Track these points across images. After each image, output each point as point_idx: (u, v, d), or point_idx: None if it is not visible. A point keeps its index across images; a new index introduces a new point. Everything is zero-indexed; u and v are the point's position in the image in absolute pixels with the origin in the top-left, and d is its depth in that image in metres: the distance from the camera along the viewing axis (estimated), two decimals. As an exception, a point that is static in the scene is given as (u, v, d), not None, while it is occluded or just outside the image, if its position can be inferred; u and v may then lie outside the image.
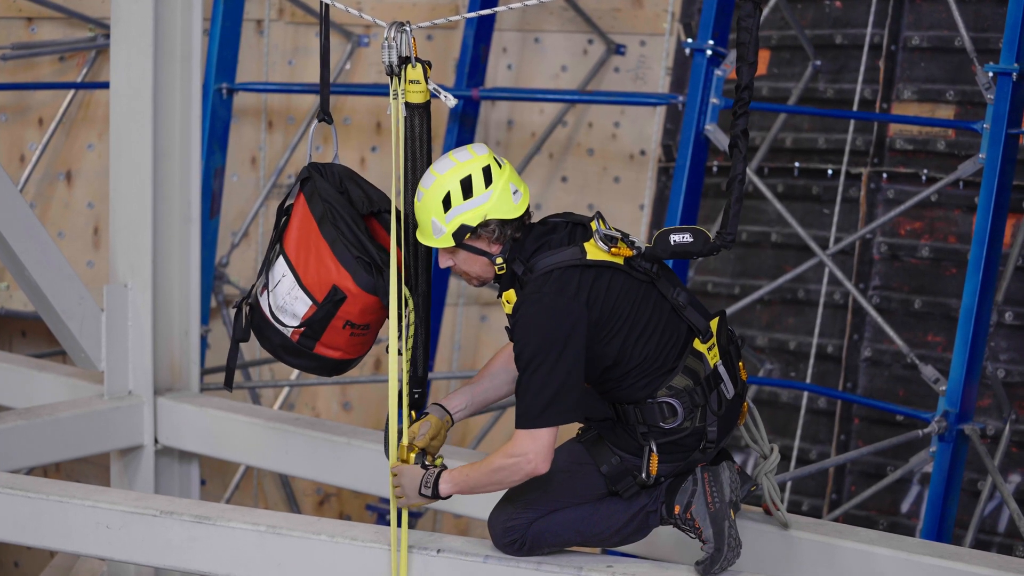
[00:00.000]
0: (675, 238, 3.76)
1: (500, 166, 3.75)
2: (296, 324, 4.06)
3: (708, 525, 3.80)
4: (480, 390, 4.04)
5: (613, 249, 3.73)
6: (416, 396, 4.01)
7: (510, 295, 3.76)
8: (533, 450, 3.66)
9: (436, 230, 3.75)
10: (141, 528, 4.27)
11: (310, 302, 4.04)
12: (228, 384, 4.39)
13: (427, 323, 4.00)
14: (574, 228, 3.80)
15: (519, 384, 3.69)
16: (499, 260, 3.77)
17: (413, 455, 3.91)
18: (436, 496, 3.81)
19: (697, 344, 3.79)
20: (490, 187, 3.72)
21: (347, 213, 4.05)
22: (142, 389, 5.49)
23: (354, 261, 4.00)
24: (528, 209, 3.80)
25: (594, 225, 3.77)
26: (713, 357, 3.81)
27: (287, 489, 7.62)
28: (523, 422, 3.67)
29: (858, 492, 6.32)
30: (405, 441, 3.92)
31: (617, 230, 3.78)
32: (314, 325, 4.06)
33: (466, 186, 3.71)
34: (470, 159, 3.74)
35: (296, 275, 4.05)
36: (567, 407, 3.65)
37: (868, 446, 5.69)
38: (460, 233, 3.73)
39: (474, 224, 3.72)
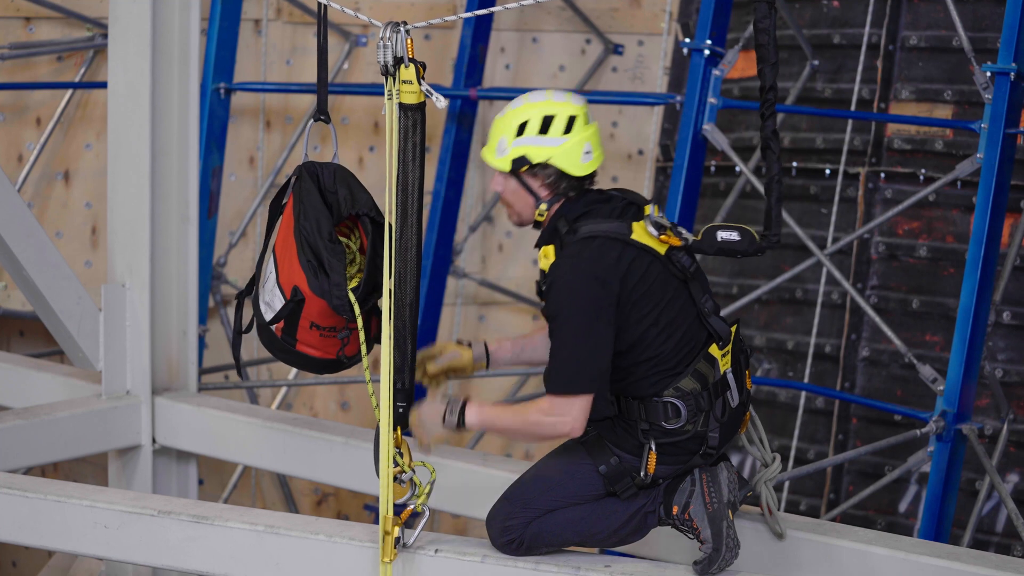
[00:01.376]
0: (722, 235, 3.78)
1: (587, 123, 3.75)
2: (271, 319, 4.11)
3: (706, 525, 3.79)
4: (531, 346, 4.02)
5: (662, 236, 3.73)
6: (400, 410, 3.92)
7: (548, 251, 3.76)
8: (571, 415, 3.66)
9: (500, 149, 3.76)
10: (139, 528, 4.27)
11: (283, 299, 4.08)
12: (239, 372, 4.48)
13: (414, 333, 3.96)
14: (628, 206, 3.80)
15: (552, 345, 3.68)
16: (542, 207, 3.77)
17: (427, 380, 3.88)
18: (461, 424, 3.77)
19: (713, 349, 3.79)
20: (566, 136, 3.72)
21: (316, 215, 4.06)
22: (140, 389, 5.48)
23: (307, 264, 4.03)
24: (594, 175, 3.79)
25: (648, 209, 3.77)
26: (724, 364, 3.81)
27: (285, 489, 7.62)
28: (557, 387, 3.66)
29: (856, 492, 6.32)
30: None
31: (669, 221, 3.78)
32: (286, 322, 4.11)
33: (545, 123, 3.72)
34: (563, 102, 3.75)
35: (277, 271, 4.10)
36: (597, 375, 3.65)
37: (866, 446, 5.69)
38: (519, 162, 3.74)
39: (534, 160, 3.72)
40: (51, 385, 5.71)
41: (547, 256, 3.75)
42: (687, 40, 5.77)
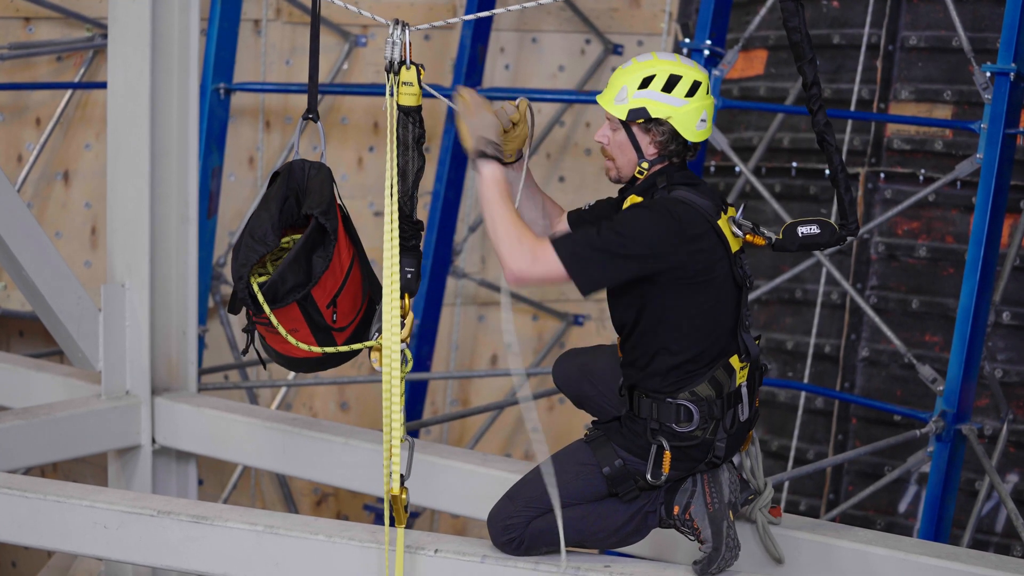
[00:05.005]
0: (803, 230, 3.78)
1: (708, 93, 3.76)
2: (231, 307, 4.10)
3: (707, 525, 3.79)
4: (541, 202, 3.98)
5: (747, 236, 3.73)
6: (409, 276, 3.86)
7: (635, 199, 3.75)
8: (538, 267, 3.60)
9: (619, 98, 3.74)
10: (138, 528, 4.27)
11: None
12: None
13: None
14: (717, 196, 3.80)
15: (591, 224, 3.66)
16: (644, 164, 3.76)
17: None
18: (478, 158, 3.72)
19: (734, 360, 3.78)
20: (688, 99, 3.72)
21: (267, 217, 4.01)
22: (139, 389, 5.48)
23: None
24: (698, 147, 3.80)
25: (733, 211, 3.78)
26: (741, 377, 3.80)
27: (284, 489, 7.62)
28: (562, 249, 3.59)
29: (855, 492, 6.32)
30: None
31: (749, 222, 3.78)
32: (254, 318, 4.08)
33: (671, 82, 3.71)
34: (691, 67, 3.75)
35: None
36: (590, 276, 3.60)
37: (866, 446, 5.69)
38: (636, 113, 3.73)
39: (653, 115, 3.72)
40: (51, 385, 5.71)
41: (633, 201, 3.74)
42: (687, 40, 5.77)
